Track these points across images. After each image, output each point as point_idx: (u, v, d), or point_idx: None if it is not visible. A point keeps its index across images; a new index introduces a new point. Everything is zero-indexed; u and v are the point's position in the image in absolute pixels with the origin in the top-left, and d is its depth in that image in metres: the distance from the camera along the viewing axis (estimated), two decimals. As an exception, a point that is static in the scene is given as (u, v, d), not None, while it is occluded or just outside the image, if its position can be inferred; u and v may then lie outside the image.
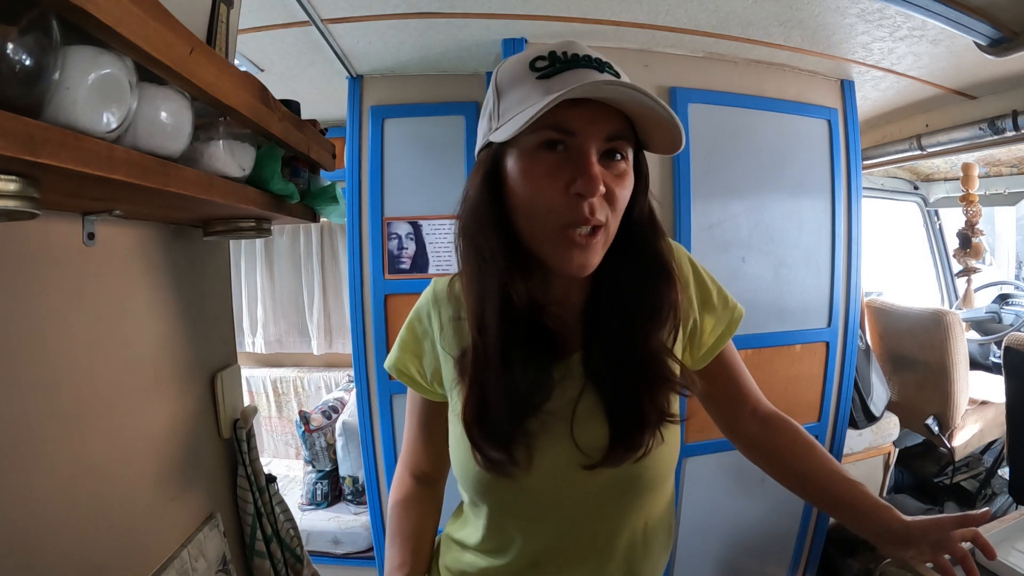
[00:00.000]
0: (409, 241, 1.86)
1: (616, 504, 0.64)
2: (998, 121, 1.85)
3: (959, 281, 2.82)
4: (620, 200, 0.56)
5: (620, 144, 0.56)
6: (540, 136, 0.54)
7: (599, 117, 0.53)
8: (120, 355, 0.74)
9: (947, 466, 2.49)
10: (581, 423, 0.62)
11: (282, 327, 3.15)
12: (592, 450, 0.61)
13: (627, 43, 1.60)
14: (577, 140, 0.54)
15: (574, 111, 0.52)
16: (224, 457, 1.00)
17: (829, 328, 1.82)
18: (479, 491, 0.65)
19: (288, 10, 1.35)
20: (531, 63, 0.56)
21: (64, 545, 0.63)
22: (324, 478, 2.51)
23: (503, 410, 0.60)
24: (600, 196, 0.54)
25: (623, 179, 0.56)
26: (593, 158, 0.53)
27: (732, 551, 1.81)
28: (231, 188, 0.71)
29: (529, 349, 0.59)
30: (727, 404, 0.76)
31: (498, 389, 0.60)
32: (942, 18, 1.31)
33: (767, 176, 1.72)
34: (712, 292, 0.71)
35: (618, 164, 0.56)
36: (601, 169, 0.54)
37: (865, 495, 0.65)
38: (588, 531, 0.65)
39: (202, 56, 0.57)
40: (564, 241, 0.55)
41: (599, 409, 0.62)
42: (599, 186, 0.52)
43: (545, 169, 0.54)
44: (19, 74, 0.39)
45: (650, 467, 0.63)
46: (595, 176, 0.52)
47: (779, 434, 0.73)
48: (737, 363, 0.75)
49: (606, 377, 0.62)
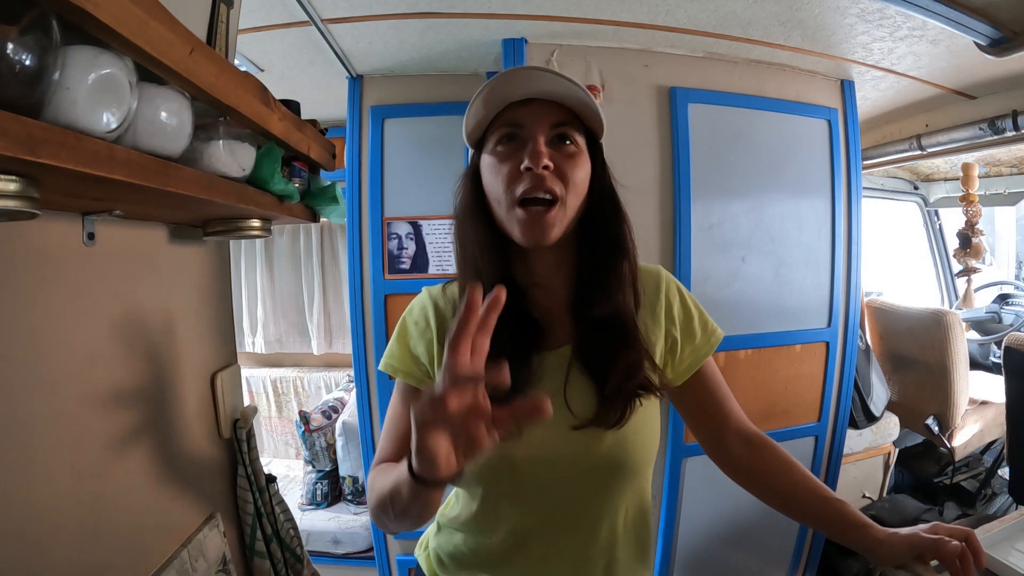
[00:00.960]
0: (409, 241, 1.86)
1: (599, 487, 0.68)
2: (998, 121, 1.85)
3: (959, 281, 2.82)
4: (572, 177, 0.65)
5: (566, 130, 0.66)
6: (498, 133, 0.66)
7: (543, 110, 0.64)
8: (120, 355, 0.74)
9: (947, 466, 2.49)
10: (572, 399, 0.67)
11: (282, 327, 3.15)
12: (581, 416, 0.66)
13: (627, 43, 1.60)
14: (525, 130, 0.65)
15: (522, 109, 0.64)
16: (224, 457, 1.00)
17: (829, 328, 1.82)
18: (474, 474, 0.68)
19: (288, 10, 1.35)
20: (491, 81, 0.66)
21: (64, 545, 0.63)
22: (324, 478, 2.51)
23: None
24: (550, 172, 0.63)
25: (574, 159, 0.65)
26: (540, 139, 0.64)
27: (732, 551, 1.82)
28: (231, 188, 0.71)
29: (514, 333, 0.65)
30: (711, 424, 0.79)
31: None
32: (942, 18, 1.31)
33: (767, 176, 1.72)
34: (694, 316, 0.77)
35: (567, 147, 0.66)
36: (551, 151, 0.64)
37: (844, 514, 0.70)
38: (572, 514, 0.69)
39: (202, 56, 0.57)
40: (523, 215, 0.64)
41: (588, 387, 0.67)
42: (543, 159, 0.62)
43: (502, 156, 0.65)
44: (19, 74, 0.39)
45: (632, 452, 0.68)
46: (539, 151, 0.62)
47: (761, 454, 0.77)
48: (719, 382, 0.79)
49: (594, 358, 0.68)
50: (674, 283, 0.78)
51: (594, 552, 0.70)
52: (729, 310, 1.67)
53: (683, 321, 0.75)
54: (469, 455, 0.47)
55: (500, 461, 0.66)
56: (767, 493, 0.77)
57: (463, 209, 0.70)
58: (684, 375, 0.76)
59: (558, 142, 0.65)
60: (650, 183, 1.62)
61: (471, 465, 0.66)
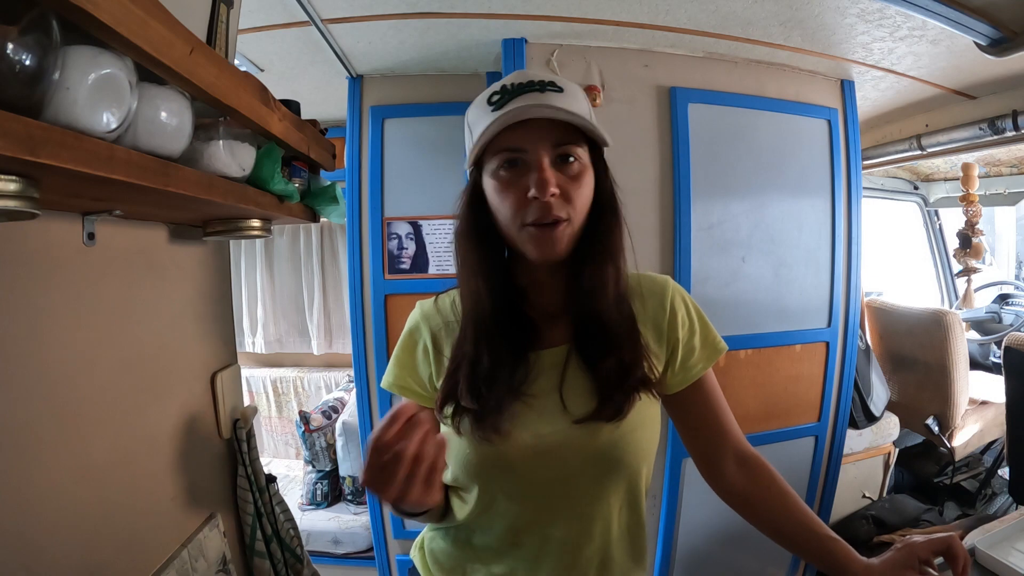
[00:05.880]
0: (409, 241, 1.86)
1: (593, 482, 0.69)
2: (998, 121, 1.85)
3: (959, 281, 2.82)
4: (578, 197, 0.65)
5: (569, 148, 0.65)
6: (499, 158, 0.65)
7: (544, 131, 0.63)
8: (120, 355, 0.74)
9: (947, 466, 2.49)
10: (569, 396, 0.68)
11: (282, 327, 3.14)
12: (578, 412, 0.67)
13: (627, 43, 1.60)
14: (528, 155, 0.64)
15: (521, 131, 0.62)
16: (224, 457, 1.00)
17: (829, 328, 1.82)
18: (470, 471, 0.69)
19: (288, 10, 1.35)
20: (488, 99, 0.66)
21: (64, 545, 0.63)
22: (324, 478, 2.51)
23: (492, 380, 0.67)
24: (557, 197, 0.63)
25: (579, 179, 0.66)
26: (545, 164, 0.63)
27: (732, 551, 1.81)
28: (231, 188, 0.71)
29: (512, 333, 0.69)
30: (707, 439, 0.79)
31: (481, 363, 0.68)
32: (942, 18, 1.31)
33: (767, 176, 1.72)
34: (697, 328, 0.77)
35: (571, 166, 0.65)
36: (556, 173, 0.64)
37: (832, 553, 0.70)
38: (567, 509, 0.70)
39: (202, 56, 0.57)
40: (531, 236, 0.65)
41: (586, 383, 0.69)
42: (549, 188, 0.62)
43: (507, 183, 0.65)
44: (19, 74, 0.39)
45: (628, 449, 0.69)
46: (545, 180, 0.62)
47: (757, 478, 0.77)
48: (718, 397, 0.79)
49: (590, 355, 0.69)
50: (680, 293, 0.78)
51: (589, 550, 0.71)
52: (729, 310, 1.67)
53: (686, 331, 0.76)
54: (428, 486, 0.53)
55: (497, 456, 0.67)
56: (758, 520, 0.77)
57: (462, 228, 0.71)
58: (682, 384, 0.76)
59: (561, 162, 0.65)
60: (650, 183, 1.62)
61: (469, 467, 0.68)
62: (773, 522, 0.76)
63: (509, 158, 0.64)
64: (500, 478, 0.69)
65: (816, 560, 0.72)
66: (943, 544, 0.65)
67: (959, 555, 0.64)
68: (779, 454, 1.76)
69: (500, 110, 0.63)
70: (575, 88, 0.68)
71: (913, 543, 0.66)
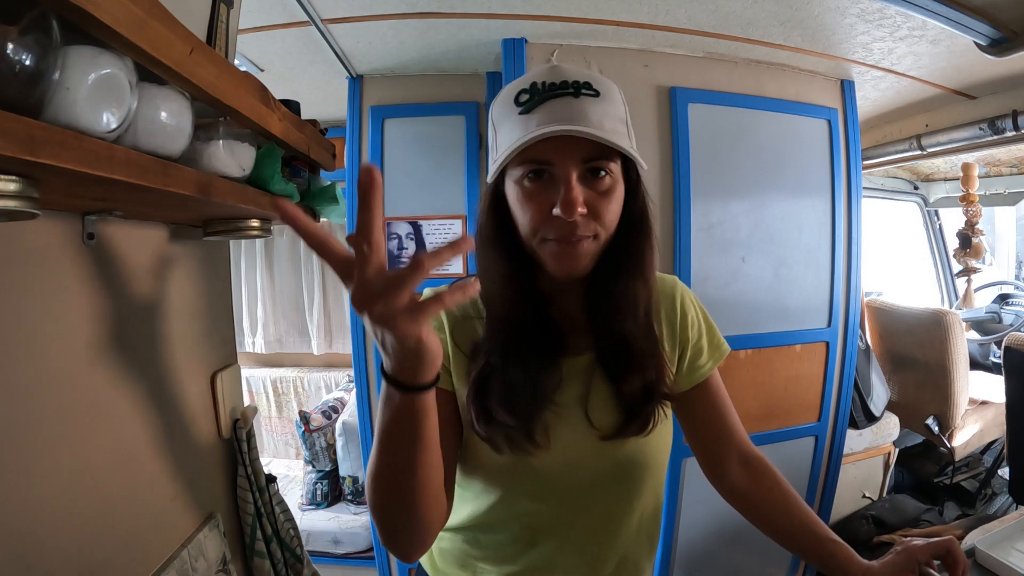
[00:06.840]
0: (409, 241, 1.86)
1: (622, 490, 0.70)
2: (998, 121, 1.85)
3: (959, 281, 2.82)
4: (606, 213, 0.61)
5: (600, 163, 0.60)
6: (525, 168, 0.60)
7: (574, 145, 0.58)
8: (120, 355, 0.74)
9: (947, 466, 2.49)
10: (594, 410, 0.67)
11: (282, 327, 3.14)
12: (605, 428, 0.67)
13: (627, 43, 1.60)
14: (556, 168, 0.59)
15: (551, 144, 0.57)
16: (224, 457, 1.00)
17: (829, 328, 1.82)
18: (498, 478, 0.68)
19: (288, 10, 1.35)
20: (516, 97, 0.61)
21: (64, 545, 0.63)
22: (324, 478, 2.51)
23: (523, 392, 0.64)
24: (583, 216, 0.59)
25: (609, 195, 0.61)
26: (573, 182, 0.58)
27: (732, 551, 1.81)
28: (231, 188, 0.71)
29: (537, 336, 0.66)
30: (712, 439, 0.79)
31: (511, 374, 0.65)
32: (942, 18, 1.31)
33: (767, 176, 1.72)
34: (704, 330, 0.77)
35: (602, 181, 0.61)
36: (585, 189, 0.59)
37: (834, 555, 0.70)
38: (592, 514, 0.70)
39: (202, 56, 0.57)
40: (552, 252, 0.61)
41: (610, 397, 0.68)
42: (576, 209, 0.57)
43: (530, 196, 0.61)
44: (19, 74, 0.39)
45: (651, 454, 0.70)
46: (572, 200, 0.57)
47: (760, 479, 0.78)
48: (723, 398, 0.79)
49: (615, 371, 0.68)
50: (688, 294, 0.78)
51: (608, 550, 0.71)
52: (729, 310, 1.67)
53: (695, 332, 0.76)
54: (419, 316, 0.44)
55: (524, 467, 0.66)
56: (759, 520, 0.78)
57: (484, 235, 0.67)
58: (689, 384, 0.76)
59: (591, 175, 0.60)
60: (650, 183, 1.59)
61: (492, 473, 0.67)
62: (775, 523, 0.76)
63: (534, 169, 0.60)
64: (527, 484, 0.68)
65: (817, 561, 0.73)
66: (942, 548, 0.65)
67: (958, 559, 0.65)
68: (779, 454, 1.75)
69: (528, 113, 0.59)
70: (611, 89, 0.62)
71: (912, 546, 0.66)
